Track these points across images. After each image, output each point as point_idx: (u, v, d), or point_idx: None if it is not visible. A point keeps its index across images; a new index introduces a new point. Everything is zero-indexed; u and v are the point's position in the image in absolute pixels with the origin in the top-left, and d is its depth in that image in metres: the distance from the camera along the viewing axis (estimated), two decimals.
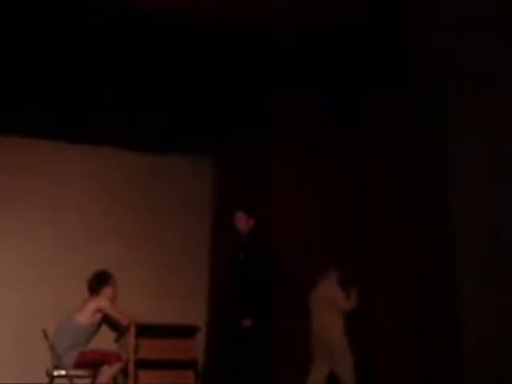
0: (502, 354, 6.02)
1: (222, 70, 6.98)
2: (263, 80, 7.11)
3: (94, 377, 6.79)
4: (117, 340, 7.22)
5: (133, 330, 6.88)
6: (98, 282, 7.02)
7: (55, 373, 6.65)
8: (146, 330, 7.00)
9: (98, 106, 7.31)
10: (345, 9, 6.61)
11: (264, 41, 6.61)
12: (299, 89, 7.11)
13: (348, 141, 7.22)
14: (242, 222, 6.74)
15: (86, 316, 6.83)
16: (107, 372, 6.74)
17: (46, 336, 6.68)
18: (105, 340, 7.14)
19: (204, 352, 7.41)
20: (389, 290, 6.73)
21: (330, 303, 6.69)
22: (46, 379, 6.70)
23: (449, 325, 6.36)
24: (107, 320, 7.09)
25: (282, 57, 6.80)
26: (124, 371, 6.85)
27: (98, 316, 6.92)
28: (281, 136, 7.29)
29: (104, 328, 7.18)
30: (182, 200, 8.12)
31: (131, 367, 6.82)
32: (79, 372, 6.72)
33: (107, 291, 7.03)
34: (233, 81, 7.15)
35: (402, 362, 6.53)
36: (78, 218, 7.74)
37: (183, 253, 7.92)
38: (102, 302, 6.92)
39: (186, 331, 7.21)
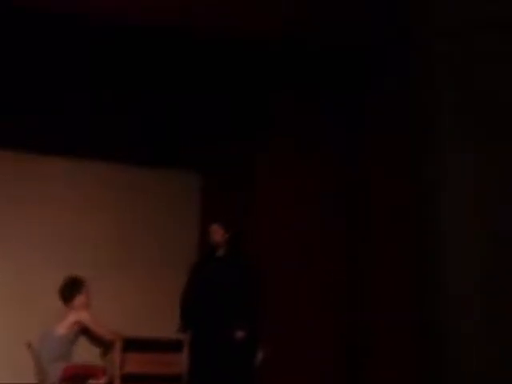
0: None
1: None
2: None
3: None
4: (103, 355, 7.20)
5: (118, 345, 6.87)
6: (71, 290, 7.00)
7: None
8: (132, 344, 6.99)
9: (83, 117, 7.29)
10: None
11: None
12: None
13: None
14: (219, 235, 6.70)
15: (64, 327, 6.84)
16: None
17: (30, 349, 6.67)
18: (89, 354, 7.13)
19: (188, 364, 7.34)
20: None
21: None
22: None
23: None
24: (88, 334, 7.06)
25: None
26: None
27: (76, 327, 6.92)
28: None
29: (89, 342, 7.16)
30: (171, 209, 8.08)
31: (117, 382, 6.84)
32: None
33: (81, 299, 7.00)
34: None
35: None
36: (65, 229, 7.71)
37: (171, 265, 7.83)
38: (82, 314, 6.94)
39: (173, 345, 7.09)
